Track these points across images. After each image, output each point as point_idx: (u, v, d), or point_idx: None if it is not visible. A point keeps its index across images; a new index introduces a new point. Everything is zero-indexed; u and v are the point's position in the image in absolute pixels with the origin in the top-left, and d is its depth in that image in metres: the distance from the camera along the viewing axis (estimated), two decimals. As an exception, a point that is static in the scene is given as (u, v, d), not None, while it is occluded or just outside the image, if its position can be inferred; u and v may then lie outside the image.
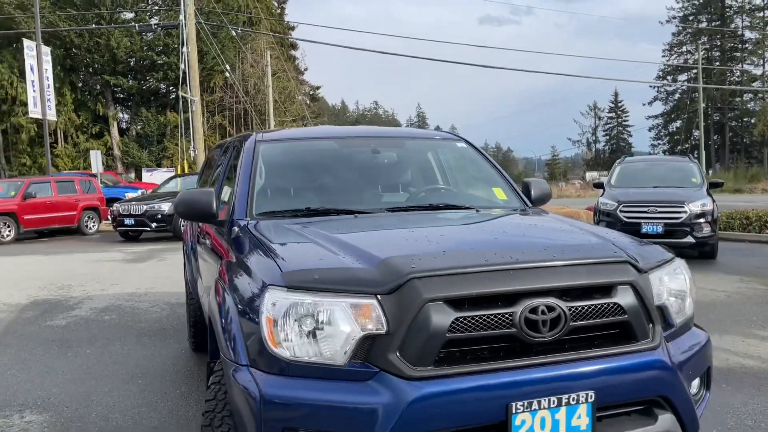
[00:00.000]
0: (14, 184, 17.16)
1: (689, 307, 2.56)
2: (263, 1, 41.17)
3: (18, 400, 4.36)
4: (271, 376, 2.05)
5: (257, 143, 3.54)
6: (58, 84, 33.16)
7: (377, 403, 1.93)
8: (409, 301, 1.99)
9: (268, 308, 2.07)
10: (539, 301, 2.06)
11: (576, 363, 2.10)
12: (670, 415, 2.22)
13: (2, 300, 7.88)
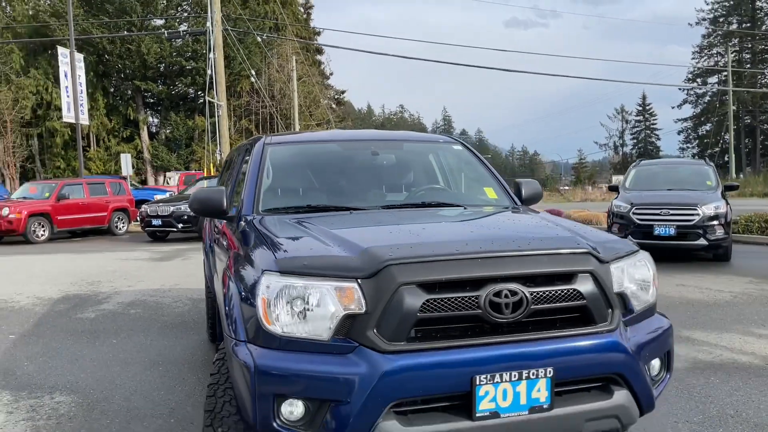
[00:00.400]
0: (48, 186, 17.83)
1: (652, 295, 2.77)
2: (289, 7, 41.84)
3: (49, 383, 4.72)
4: (264, 350, 2.33)
5: (265, 146, 3.85)
6: (91, 89, 34.17)
7: (355, 373, 2.20)
8: (386, 284, 2.26)
9: (263, 290, 2.36)
10: (502, 286, 2.31)
11: (536, 342, 2.35)
12: (626, 391, 2.44)
13: (36, 294, 8.34)
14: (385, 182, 3.89)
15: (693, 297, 7.42)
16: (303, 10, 53.67)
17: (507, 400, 2.28)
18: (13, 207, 15.96)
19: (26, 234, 15.98)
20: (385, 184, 3.86)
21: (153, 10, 34.42)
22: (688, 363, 4.89)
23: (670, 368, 2.80)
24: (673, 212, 9.86)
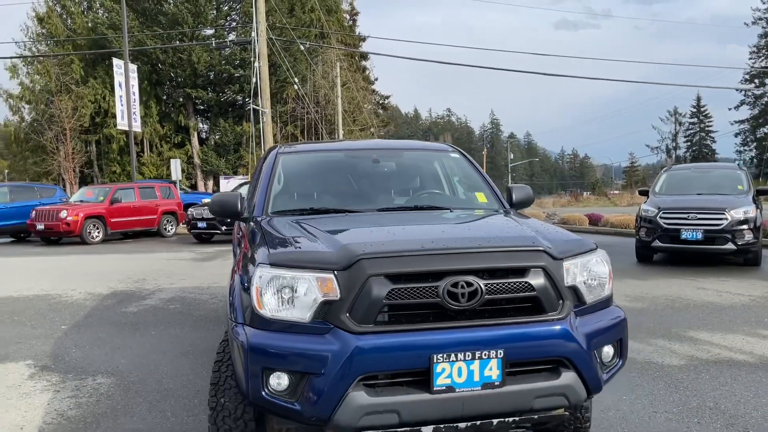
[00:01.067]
0: (103, 190, 18.87)
1: (607, 289, 3.06)
2: (334, 14, 42.64)
3: (92, 367, 5.27)
4: (256, 330, 2.74)
5: (278, 155, 4.29)
6: (144, 97, 35.66)
7: (330, 350, 2.59)
8: (357, 275, 2.64)
9: (256, 280, 2.77)
10: (459, 278, 2.66)
11: (488, 327, 2.68)
12: (573, 373, 2.75)
13: (88, 290, 9.03)
14: (384, 187, 4.27)
15: (709, 299, 7.52)
16: (348, 17, 54.58)
17: (462, 376, 2.62)
18: (70, 210, 16.99)
19: (82, 235, 16.97)
20: (384, 189, 4.24)
21: (203, 21, 35.65)
22: (683, 360, 5.09)
23: (623, 355, 3.08)
24: (701, 216, 9.89)
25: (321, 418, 2.58)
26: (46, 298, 8.51)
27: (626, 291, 8.15)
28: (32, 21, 36.52)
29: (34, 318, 7.24)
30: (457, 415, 2.64)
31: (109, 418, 4.12)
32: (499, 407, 2.68)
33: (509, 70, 36.85)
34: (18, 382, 4.91)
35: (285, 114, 37.08)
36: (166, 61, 35.71)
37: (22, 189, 19.61)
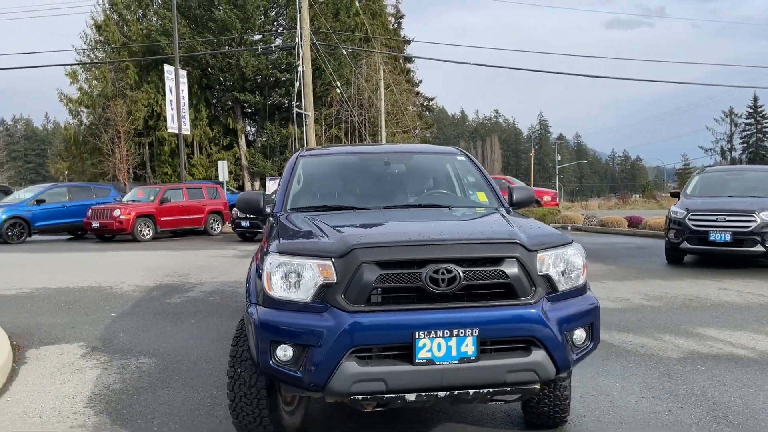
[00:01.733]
0: (153, 190, 19.84)
1: (581, 278, 3.38)
2: (379, 18, 43.19)
3: (136, 349, 5.84)
4: (265, 309, 3.19)
5: (299, 157, 4.76)
6: (195, 101, 36.92)
7: (326, 326, 3.01)
8: (351, 262, 3.06)
9: (267, 266, 3.22)
10: (440, 266, 3.04)
11: (465, 309, 3.06)
12: (543, 352, 3.09)
13: (136, 283, 9.72)
14: (392, 187, 4.68)
15: (728, 299, 7.64)
16: (394, 19, 55.08)
17: (441, 351, 3.01)
18: (123, 209, 17.96)
19: (134, 233, 17.92)
20: (392, 189, 4.65)
21: (251, 26, 36.69)
22: (684, 354, 5.33)
23: (594, 338, 3.39)
24: (729, 218, 9.93)
25: (318, 384, 3.00)
26: (99, 289, 9.22)
27: (646, 290, 8.32)
28: (91, 29, 38.35)
29: (87, 306, 7.91)
30: (436, 384, 3.02)
31: (149, 391, 4.65)
32: (474, 379, 3.05)
33: (557, 73, 36.58)
34: (71, 360, 5.51)
35: (330, 116, 37.80)
36: (215, 66, 36.88)
37: (80, 189, 20.77)
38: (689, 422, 3.84)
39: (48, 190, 19.86)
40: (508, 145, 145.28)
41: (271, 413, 3.41)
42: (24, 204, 18.71)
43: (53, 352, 5.78)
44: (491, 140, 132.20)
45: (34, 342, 6.12)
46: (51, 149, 71.35)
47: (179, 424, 3.97)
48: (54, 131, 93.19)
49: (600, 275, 9.82)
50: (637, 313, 6.99)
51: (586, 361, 5.03)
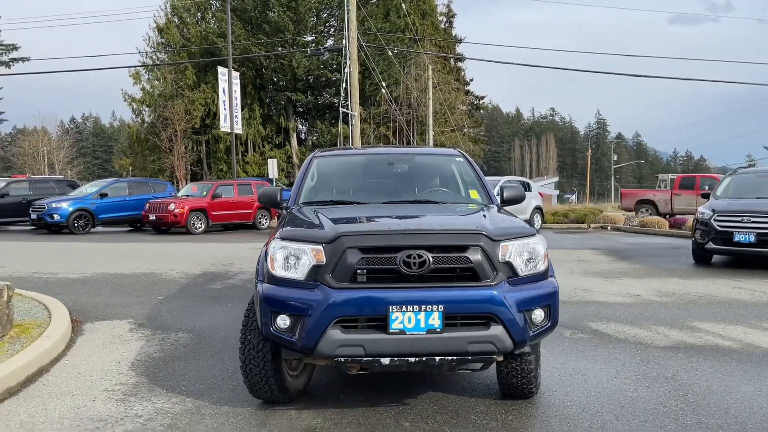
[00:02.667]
0: (206, 186, 20.95)
1: (541, 266, 3.85)
2: (429, 18, 43.62)
3: (176, 326, 6.59)
4: (268, 285, 3.81)
5: (314, 157, 5.38)
6: (249, 100, 38.27)
7: (315, 299, 3.60)
8: (338, 247, 3.64)
9: (271, 250, 3.84)
10: (412, 252, 3.59)
11: (433, 289, 3.59)
12: (501, 327, 3.60)
13: (184, 270, 10.58)
14: (393, 185, 5.24)
15: (737, 297, 7.87)
16: (445, 18, 55.36)
17: (411, 323, 3.56)
18: (177, 203, 19.09)
19: (187, 226, 19.03)
20: (393, 186, 5.21)
21: (303, 28, 37.77)
22: (670, 343, 5.69)
23: (552, 318, 3.85)
24: (754, 219, 10.04)
25: (309, 348, 3.60)
26: (150, 275, 10.11)
27: (660, 288, 8.60)
28: (153, 31, 40.25)
29: (138, 290, 8.77)
30: (407, 351, 3.57)
31: (182, 359, 5.36)
32: (440, 348, 3.58)
33: (616, 74, 36.07)
34: (120, 333, 6.30)
35: (378, 116, 38.51)
36: (269, 67, 38.15)
37: (139, 184, 22.13)
38: (649, 398, 4.27)
39: (110, 184, 21.26)
40: (564, 144, 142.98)
41: (275, 375, 4.03)
42: (89, 197, 20.11)
43: (106, 326, 6.59)
44: (546, 139, 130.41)
45: (90, 318, 6.96)
46: (116, 146, 74.73)
47: (204, 386, 4.64)
48: (119, 129, 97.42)
49: (620, 273, 10.11)
50: (643, 307, 7.33)
51: (572, 345, 5.52)
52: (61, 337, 5.73)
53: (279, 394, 4.11)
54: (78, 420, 3.97)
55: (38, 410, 4.15)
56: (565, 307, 7.32)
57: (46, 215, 19.14)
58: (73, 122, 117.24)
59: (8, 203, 20.68)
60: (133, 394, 4.47)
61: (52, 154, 63.05)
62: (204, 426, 3.86)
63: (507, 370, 4.12)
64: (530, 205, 18.81)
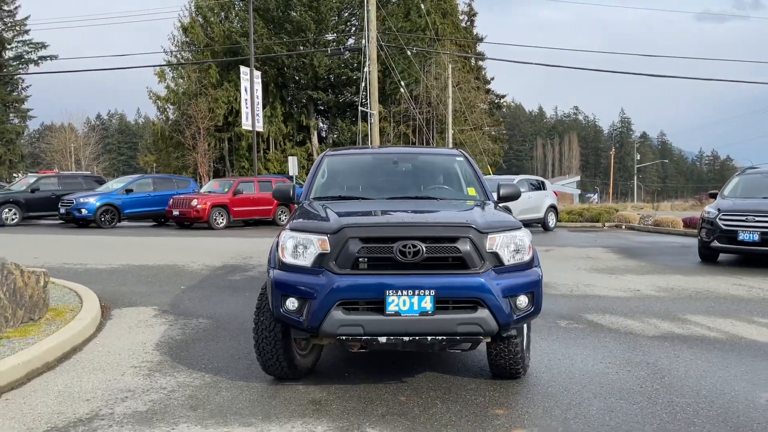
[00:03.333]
0: (227, 183, 21.53)
1: (526, 256, 4.22)
2: (449, 17, 43.86)
3: (197, 313, 7.07)
4: (278, 271, 4.24)
5: (325, 156, 5.81)
6: (271, 98, 38.89)
7: (320, 284, 4.01)
8: (341, 238, 4.06)
9: (282, 239, 4.27)
10: (407, 242, 3.99)
11: (426, 276, 3.99)
12: (487, 311, 3.98)
13: (205, 263, 11.10)
14: (397, 182, 5.64)
15: (735, 293, 8.14)
16: (466, 17, 55.53)
17: (405, 306, 3.96)
18: (200, 199, 19.69)
19: (209, 221, 19.62)
20: (396, 183, 5.62)
21: (324, 27, 38.28)
22: (659, 333, 6.02)
23: (535, 304, 4.22)
24: (759, 219, 10.25)
25: (314, 327, 4.02)
26: (174, 267, 10.64)
27: (661, 284, 8.90)
28: (178, 31, 41.09)
29: (162, 280, 9.29)
30: (401, 331, 3.97)
31: (202, 342, 5.82)
32: (431, 328, 3.98)
33: (636, 74, 35.92)
34: (146, 318, 6.79)
35: (398, 114, 38.89)
36: (290, 65, 38.72)
37: (163, 180, 22.79)
38: (627, 380, 4.62)
39: (135, 180, 21.94)
40: (587, 143, 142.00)
41: (285, 353, 4.47)
42: (115, 193, 20.82)
43: (132, 312, 7.10)
44: (569, 138, 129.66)
45: (118, 304, 7.47)
46: (141, 143, 76.14)
47: (221, 364, 5.09)
48: (144, 126, 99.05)
49: (624, 269, 10.40)
50: (640, 301, 7.64)
51: (566, 334, 5.88)
52: (91, 321, 6.23)
53: (288, 370, 4.54)
54: (109, 391, 4.44)
55: (73, 382, 4.63)
56: (566, 300, 7.67)
57: (74, 210, 19.87)
58: (99, 119, 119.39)
59: (38, 198, 21.48)
60: (158, 370, 4.93)
61: (79, 150, 64.46)
62: (221, 397, 4.31)
63: (496, 352, 4.50)
64: (544, 204, 19.07)
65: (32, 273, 6.03)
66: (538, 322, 6.42)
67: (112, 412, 4.03)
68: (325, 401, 4.22)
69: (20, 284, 5.80)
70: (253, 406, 4.14)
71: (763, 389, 4.43)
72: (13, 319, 5.64)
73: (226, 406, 4.14)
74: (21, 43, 55.15)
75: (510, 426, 3.78)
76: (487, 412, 4.01)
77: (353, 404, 4.16)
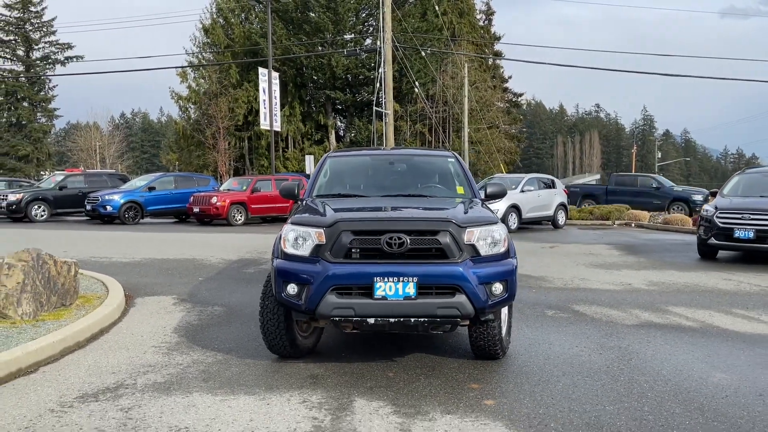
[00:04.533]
0: (246, 181, 22.20)
1: (501, 248, 4.71)
2: (466, 17, 44.19)
3: (212, 302, 7.65)
4: (281, 260, 4.78)
5: (327, 157, 6.35)
6: (289, 98, 39.59)
7: (316, 271, 4.54)
8: (335, 230, 4.58)
9: (284, 233, 4.82)
10: (394, 235, 4.51)
11: (409, 264, 4.49)
12: (464, 296, 4.48)
13: (223, 257, 11.72)
14: (391, 181, 6.16)
15: (722, 287, 8.53)
16: (484, 16, 55.77)
17: (391, 291, 4.47)
18: (219, 197, 20.38)
19: (228, 218, 20.30)
20: (391, 182, 6.13)
21: (342, 27, 38.87)
22: (638, 322, 6.47)
23: (509, 290, 4.70)
24: (754, 217, 10.59)
25: (311, 309, 4.55)
26: (193, 260, 11.27)
27: (653, 278, 9.30)
28: (200, 32, 41.99)
29: (181, 272, 9.91)
30: (388, 313, 4.48)
31: (216, 326, 6.40)
32: (414, 311, 4.48)
33: (661, 74, 35.72)
34: (165, 306, 7.39)
35: (414, 113, 39.35)
36: (309, 65, 39.39)
37: (184, 178, 23.55)
38: (596, 361, 5.10)
39: (158, 179, 22.73)
40: (608, 141, 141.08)
41: (287, 333, 5.01)
42: (138, 190, 21.61)
43: (153, 300, 7.70)
44: (590, 135, 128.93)
45: (140, 293, 8.09)
46: (164, 141, 77.55)
47: (232, 345, 5.66)
48: (167, 124, 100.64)
49: (622, 265, 10.80)
50: (628, 294, 8.07)
51: (550, 322, 6.37)
52: (116, 307, 6.84)
53: (291, 349, 5.09)
54: (132, 366, 5.02)
55: (101, 358, 5.23)
56: (558, 293, 8.13)
57: (99, 206, 20.69)
58: (123, 117, 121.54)
59: (66, 195, 22.37)
60: (175, 349, 5.51)
61: (104, 148, 65.88)
62: (230, 372, 4.86)
63: (476, 335, 5.00)
64: (554, 202, 19.42)
65: (64, 263, 6.65)
66: (526, 311, 6.91)
67: (135, 382, 4.61)
68: (322, 376, 4.76)
69: (54, 273, 6.43)
70: (258, 379, 4.70)
71: (718, 370, 4.88)
72: (47, 304, 6.26)
73: (234, 379, 4.70)
74: (48, 44, 56.71)
75: (482, 397, 4.28)
76: (464, 386, 4.51)
77: (346, 379, 4.70)
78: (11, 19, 55.37)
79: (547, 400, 4.23)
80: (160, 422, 3.84)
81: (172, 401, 4.21)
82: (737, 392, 4.38)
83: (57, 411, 4.03)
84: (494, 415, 3.96)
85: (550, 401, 4.21)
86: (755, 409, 4.07)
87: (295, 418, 3.92)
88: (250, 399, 4.26)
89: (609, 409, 4.06)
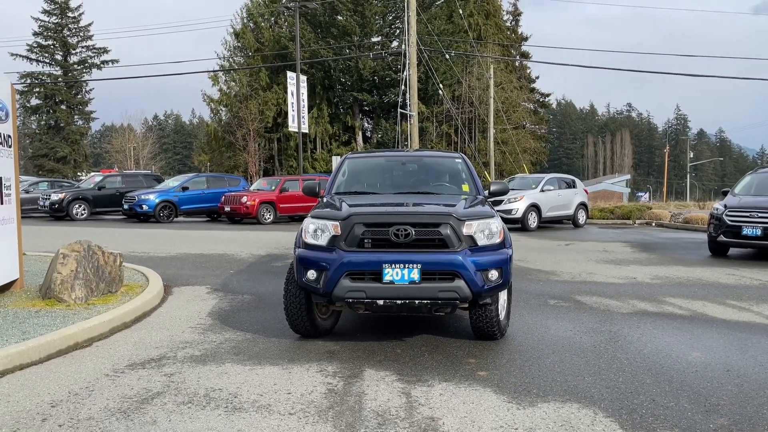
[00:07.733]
0: (275, 181, 23.02)
1: (497, 239, 5.28)
2: (493, 18, 44.51)
3: (242, 291, 8.34)
4: (302, 249, 5.42)
5: (346, 158, 6.99)
6: (318, 100, 40.42)
7: (332, 258, 5.17)
8: (349, 223, 5.21)
9: (304, 225, 5.47)
10: (401, 227, 5.11)
11: (414, 253, 5.09)
12: (462, 281, 5.06)
13: (252, 252, 12.46)
14: (404, 180, 6.77)
15: (722, 281, 8.94)
16: (511, 17, 55.96)
17: (398, 276, 5.08)
18: (249, 196, 21.22)
19: (257, 217, 21.13)
20: (403, 181, 6.75)
21: (369, 30, 39.59)
22: (632, 311, 6.96)
23: (503, 277, 5.27)
24: (762, 215, 10.93)
25: (327, 292, 5.18)
26: (224, 255, 12.03)
27: (659, 273, 9.74)
28: (231, 36, 43.15)
29: (214, 266, 10.66)
30: (395, 295, 5.09)
31: (245, 311, 7.09)
32: (418, 294, 5.08)
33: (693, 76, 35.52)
34: (200, 294, 8.11)
35: (440, 114, 39.85)
36: (336, 68, 40.21)
37: (216, 179, 24.49)
38: (585, 342, 5.63)
39: (191, 179, 23.69)
40: (640, 140, 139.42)
41: (308, 314, 5.66)
42: (172, 190, 22.58)
43: (189, 290, 8.44)
44: (621, 135, 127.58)
45: (177, 284, 8.84)
46: (196, 142, 79.30)
47: (259, 327, 6.33)
48: (198, 126, 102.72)
49: (632, 261, 11.22)
50: (631, 287, 8.55)
51: (550, 310, 6.90)
52: (156, 294, 7.58)
53: (311, 329, 5.74)
54: (172, 342, 5.72)
55: (145, 336, 5.94)
56: (563, 285, 8.65)
57: (136, 206, 21.71)
58: (156, 119, 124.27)
59: (104, 195, 23.48)
60: (209, 329, 6.21)
61: (138, 150, 67.72)
62: (258, 347, 5.53)
63: (476, 317, 5.58)
64: (574, 201, 19.80)
65: (110, 254, 7.42)
66: (531, 301, 7.45)
67: (175, 355, 5.30)
68: (338, 351, 5.39)
69: (102, 263, 7.19)
70: (282, 353, 5.35)
71: (695, 350, 5.38)
72: (96, 290, 7.02)
73: (261, 353, 5.36)
74: (85, 48, 58.63)
75: (477, 370, 4.87)
76: (462, 361, 5.10)
77: (359, 354, 5.32)
78: (50, 25, 57.46)
79: (534, 372, 4.80)
80: (198, 384, 4.52)
81: (208, 369, 4.88)
82: (707, 368, 4.89)
83: (111, 375, 4.74)
84: (485, 383, 4.55)
85: (536, 373, 4.77)
86: (719, 381, 4.58)
87: (312, 383, 4.56)
88: (275, 368, 4.91)
89: (587, 379, 4.61)
